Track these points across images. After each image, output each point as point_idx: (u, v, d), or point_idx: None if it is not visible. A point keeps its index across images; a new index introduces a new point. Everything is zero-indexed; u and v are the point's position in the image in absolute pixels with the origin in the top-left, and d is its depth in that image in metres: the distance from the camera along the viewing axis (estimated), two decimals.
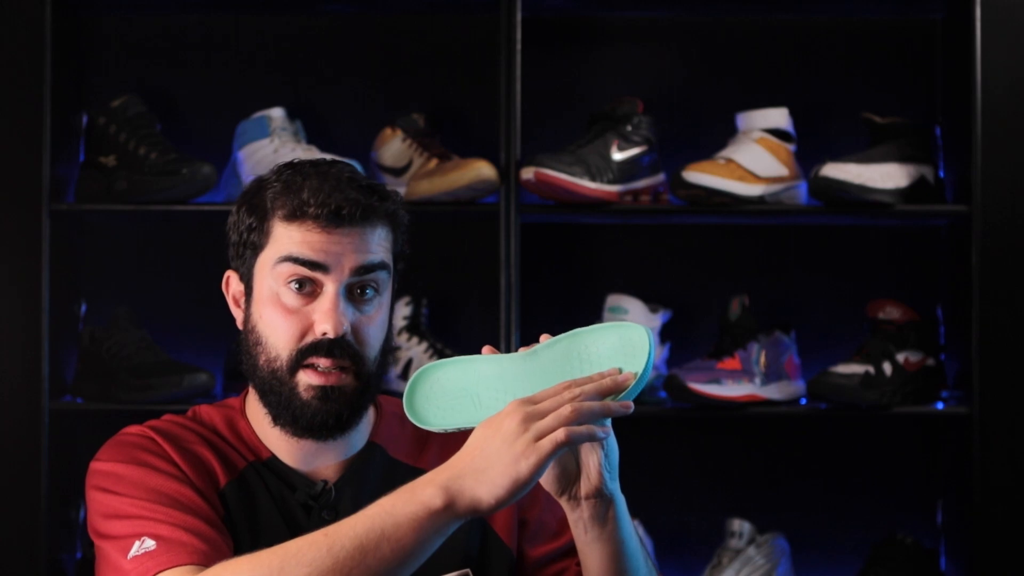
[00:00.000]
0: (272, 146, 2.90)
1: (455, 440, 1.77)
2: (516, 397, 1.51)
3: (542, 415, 1.45)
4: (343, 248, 1.64)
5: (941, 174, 2.99)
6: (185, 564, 1.53)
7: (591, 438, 1.46)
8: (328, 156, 2.85)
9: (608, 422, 1.53)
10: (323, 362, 1.64)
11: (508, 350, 2.83)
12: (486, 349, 1.58)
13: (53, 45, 2.86)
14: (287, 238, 1.65)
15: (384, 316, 1.70)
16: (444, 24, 3.11)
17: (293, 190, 1.65)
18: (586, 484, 1.56)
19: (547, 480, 1.56)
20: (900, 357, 2.91)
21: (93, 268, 3.06)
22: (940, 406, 2.95)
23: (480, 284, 2.97)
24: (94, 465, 1.67)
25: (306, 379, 1.64)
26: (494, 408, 1.53)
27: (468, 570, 1.70)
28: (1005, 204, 2.98)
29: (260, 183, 1.71)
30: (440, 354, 2.91)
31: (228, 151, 2.96)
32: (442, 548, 1.69)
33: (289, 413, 1.66)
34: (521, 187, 2.86)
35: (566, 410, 1.45)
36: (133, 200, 2.86)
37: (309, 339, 1.64)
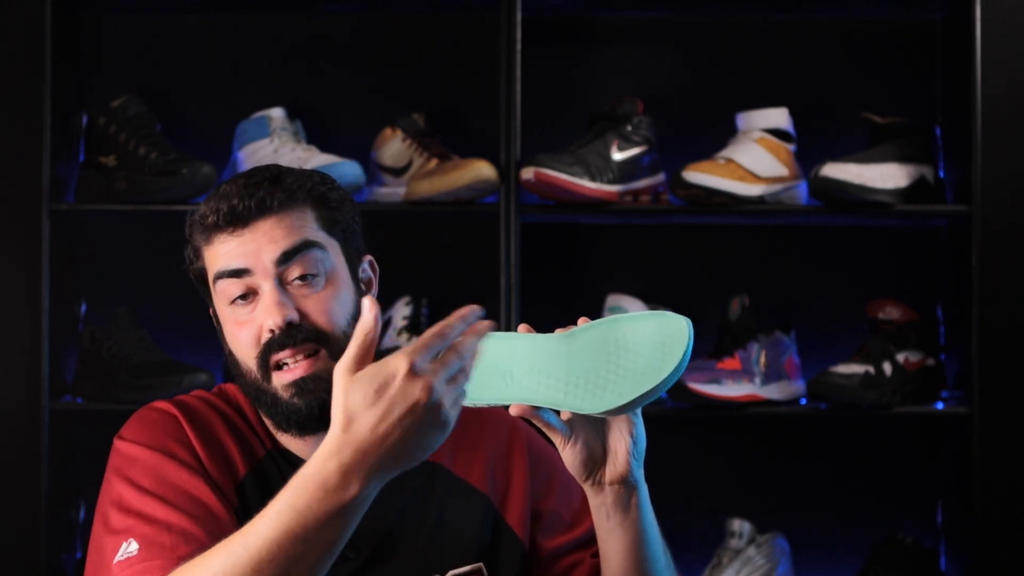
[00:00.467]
0: (272, 146, 2.90)
1: (467, 438, 1.77)
2: (550, 377, 1.50)
3: (439, 369, 1.38)
4: (257, 244, 1.64)
5: (941, 174, 2.99)
6: (157, 573, 1.53)
7: (462, 397, 1.40)
8: (339, 158, 2.87)
9: (639, 411, 1.53)
10: (284, 355, 1.63)
11: None
12: (523, 327, 1.55)
13: (53, 45, 2.86)
14: (212, 258, 1.67)
15: (343, 290, 1.67)
16: (444, 24, 3.11)
17: (201, 212, 1.67)
18: (612, 469, 1.55)
19: (573, 464, 1.55)
20: (900, 357, 2.91)
21: (93, 268, 3.06)
22: (940, 406, 2.95)
23: (480, 284, 2.97)
24: (117, 443, 1.67)
25: (279, 380, 1.64)
26: (526, 387, 1.51)
27: (481, 564, 1.70)
28: (1005, 204, 2.98)
29: (189, 220, 1.72)
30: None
31: (228, 151, 2.96)
32: (454, 541, 1.70)
33: (282, 417, 1.66)
34: (521, 187, 2.86)
35: (452, 357, 1.39)
36: (133, 200, 2.86)
37: (264, 341, 1.64)
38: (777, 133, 2.94)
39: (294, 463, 1.69)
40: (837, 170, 2.86)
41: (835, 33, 3.12)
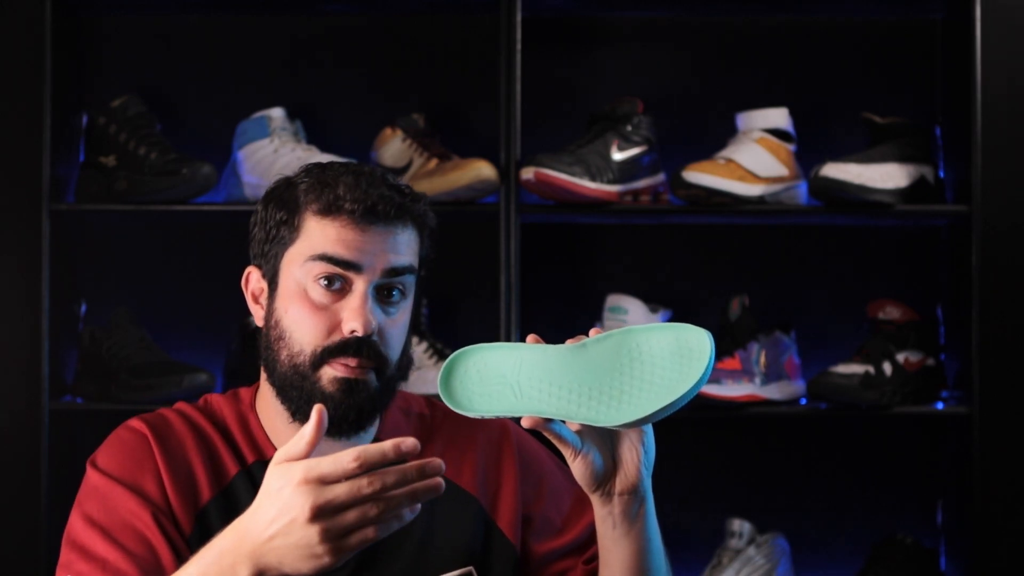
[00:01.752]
0: (272, 146, 2.90)
1: (457, 441, 1.77)
2: (561, 389, 1.48)
3: (343, 525, 1.37)
4: (375, 247, 1.64)
5: (941, 174, 2.99)
6: None
7: (400, 522, 1.39)
8: (334, 157, 2.87)
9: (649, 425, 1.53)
10: (350, 362, 1.63)
11: None
12: (531, 338, 1.54)
13: (53, 45, 2.86)
14: (320, 234, 1.64)
15: (407, 320, 1.70)
16: (444, 24, 3.11)
17: (328, 185, 1.64)
18: (623, 481, 1.55)
19: (583, 476, 1.55)
20: (900, 357, 2.91)
21: (93, 268, 3.06)
22: (940, 406, 2.94)
23: (480, 284, 2.97)
24: (88, 468, 1.69)
25: (331, 372, 1.63)
26: (536, 399, 1.50)
27: (471, 568, 1.70)
28: (1005, 204, 2.98)
29: (289, 180, 1.70)
30: (440, 354, 2.91)
31: (228, 151, 2.96)
32: (444, 545, 1.70)
33: (311, 407, 1.65)
34: (521, 187, 2.86)
35: (371, 512, 1.37)
36: (133, 200, 2.86)
37: (336, 337, 1.63)
38: (777, 133, 2.94)
39: None
40: (837, 170, 2.86)
41: (835, 33, 3.12)
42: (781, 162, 2.92)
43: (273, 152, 2.88)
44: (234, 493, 1.68)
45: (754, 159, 2.90)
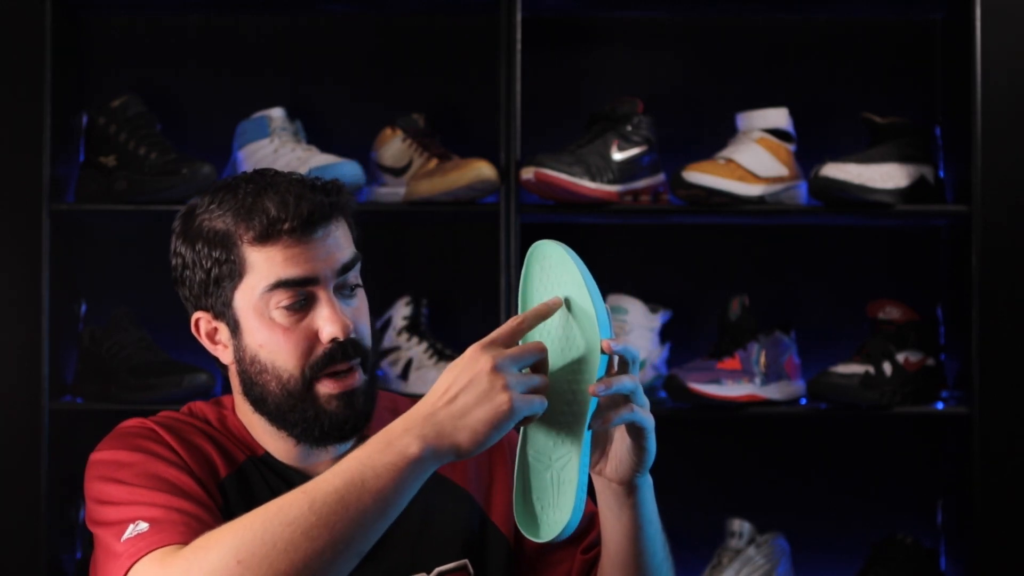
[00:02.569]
0: (272, 146, 2.90)
1: None
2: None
3: (520, 379, 1.46)
4: (322, 253, 1.62)
5: (941, 174, 2.99)
6: (176, 543, 1.52)
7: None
8: (333, 158, 2.87)
9: (652, 429, 1.53)
10: (340, 367, 1.63)
11: None
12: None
13: (53, 45, 2.86)
14: (267, 262, 1.61)
15: (366, 305, 1.69)
16: (444, 24, 3.11)
17: (255, 210, 1.61)
18: (613, 471, 1.56)
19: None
20: (900, 357, 2.91)
21: (93, 268, 3.06)
22: (940, 406, 2.94)
23: (480, 284, 2.97)
24: (93, 456, 1.66)
25: (325, 390, 1.63)
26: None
27: (466, 560, 1.70)
28: (1005, 204, 2.98)
29: (194, 215, 1.67)
30: (440, 354, 2.91)
31: (228, 151, 2.96)
32: (439, 539, 1.70)
33: (316, 427, 1.64)
34: (521, 187, 2.86)
35: (543, 384, 1.48)
36: (133, 200, 2.86)
37: (319, 351, 1.62)
38: (777, 133, 2.94)
39: (277, 469, 1.69)
40: (837, 170, 2.86)
41: (835, 33, 3.12)
42: (781, 162, 2.92)
43: (273, 152, 2.88)
44: (246, 475, 1.68)
45: (754, 159, 2.90)
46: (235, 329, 1.65)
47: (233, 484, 1.66)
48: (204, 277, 1.66)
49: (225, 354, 1.68)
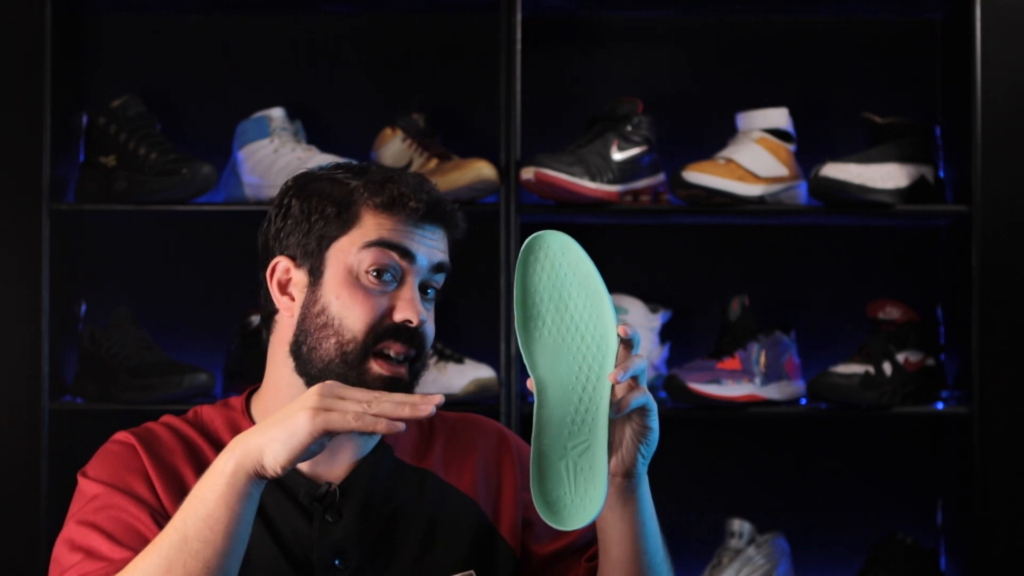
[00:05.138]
0: (272, 146, 2.90)
1: (457, 446, 1.77)
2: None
3: (336, 406, 1.48)
4: (427, 243, 1.69)
5: (941, 174, 2.99)
6: None
7: (388, 428, 1.48)
8: (338, 158, 2.87)
9: (655, 415, 1.55)
10: (397, 347, 1.65)
11: (508, 351, 2.83)
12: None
13: (53, 45, 2.86)
14: (378, 225, 1.67)
15: (433, 317, 1.74)
16: (444, 24, 3.11)
17: (390, 182, 1.68)
18: (617, 464, 1.56)
19: None
20: (900, 357, 2.91)
21: (93, 268, 3.06)
22: (940, 406, 2.95)
23: (480, 284, 2.97)
24: (80, 480, 1.70)
25: (376, 369, 1.65)
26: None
27: (472, 571, 1.70)
28: (1005, 204, 2.98)
29: (315, 177, 1.72)
30: (440, 354, 2.91)
31: (228, 151, 2.96)
32: (445, 548, 1.70)
33: None
34: (521, 187, 2.86)
35: (372, 405, 1.49)
36: (133, 200, 2.86)
37: (387, 323, 1.66)
38: (777, 133, 2.94)
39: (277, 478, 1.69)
40: (837, 170, 2.86)
41: (835, 33, 3.12)
42: (781, 162, 2.92)
43: (273, 152, 2.88)
44: None
45: (754, 159, 2.90)
46: (317, 277, 1.68)
47: None
48: (307, 226, 1.69)
49: (290, 305, 1.70)
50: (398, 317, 1.66)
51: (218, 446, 1.70)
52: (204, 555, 1.48)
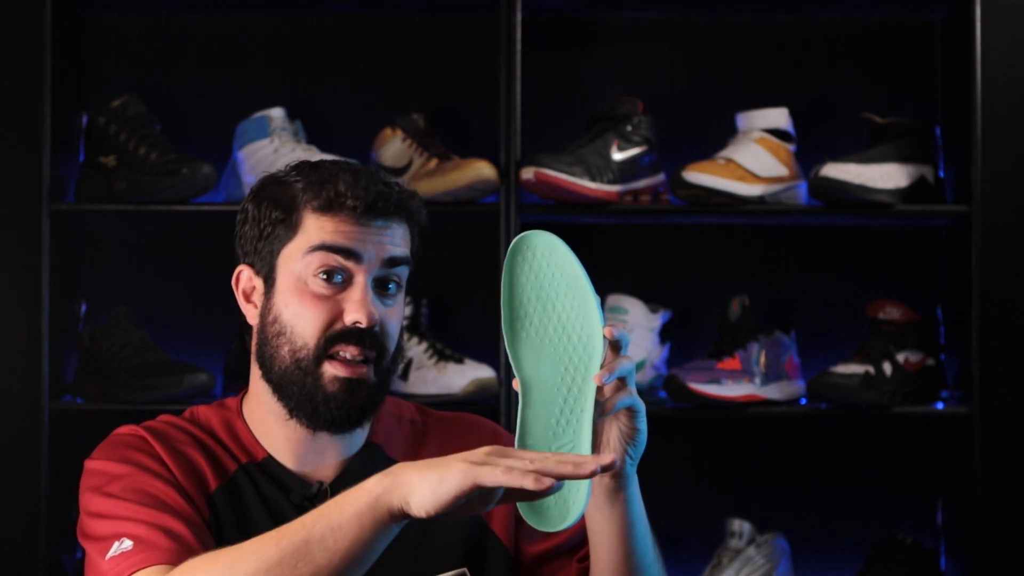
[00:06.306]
0: (272, 146, 2.90)
1: (448, 447, 1.76)
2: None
3: (512, 456, 1.41)
4: (374, 239, 1.66)
5: (941, 174, 2.99)
6: (157, 564, 1.55)
7: (536, 484, 1.39)
8: (331, 157, 2.87)
9: (643, 415, 1.53)
10: (351, 351, 1.64)
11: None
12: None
13: (53, 45, 2.86)
14: (319, 228, 1.65)
15: (401, 312, 1.71)
16: (444, 24, 3.11)
17: (327, 182, 1.66)
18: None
19: None
20: (900, 357, 2.91)
21: (93, 268, 3.06)
22: (940, 406, 2.95)
23: (480, 284, 2.97)
24: (87, 464, 1.69)
25: (332, 370, 1.64)
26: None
27: (465, 569, 1.70)
28: (1005, 204, 2.98)
29: (279, 179, 1.71)
30: (440, 354, 2.91)
31: (228, 151, 2.96)
32: (438, 547, 1.70)
33: (311, 405, 1.65)
34: (521, 187, 2.86)
35: (535, 463, 1.41)
36: (133, 200, 2.86)
37: (338, 327, 1.64)
38: (777, 133, 2.94)
39: (271, 475, 1.70)
40: (837, 170, 2.86)
41: (835, 33, 3.12)
42: (781, 162, 2.92)
43: (273, 152, 2.88)
44: (237, 486, 1.69)
45: (754, 159, 2.90)
46: (270, 286, 1.68)
47: (223, 497, 1.67)
48: (257, 233, 1.69)
49: (252, 313, 1.71)
50: (348, 319, 1.64)
51: (220, 443, 1.70)
52: (316, 564, 1.45)
